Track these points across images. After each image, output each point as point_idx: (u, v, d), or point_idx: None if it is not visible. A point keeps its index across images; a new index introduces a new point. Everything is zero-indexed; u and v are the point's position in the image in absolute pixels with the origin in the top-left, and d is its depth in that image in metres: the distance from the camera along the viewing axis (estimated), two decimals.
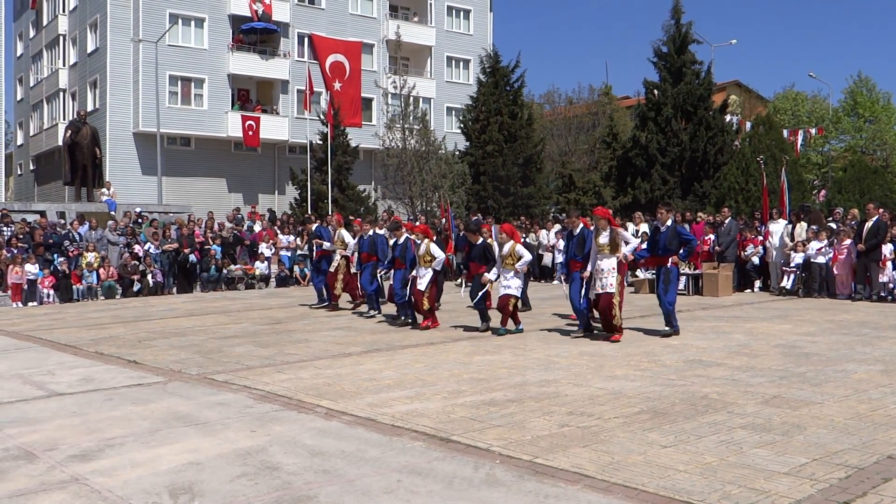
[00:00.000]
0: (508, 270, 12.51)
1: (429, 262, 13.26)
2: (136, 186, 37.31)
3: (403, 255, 14.09)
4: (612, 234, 11.66)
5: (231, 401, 8.06)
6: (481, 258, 12.99)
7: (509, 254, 12.55)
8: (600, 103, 45.35)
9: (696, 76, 32.98)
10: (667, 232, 12.10)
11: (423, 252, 13.31)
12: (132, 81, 38.95)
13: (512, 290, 12.52)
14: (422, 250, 13.36)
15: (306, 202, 32.15)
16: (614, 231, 11.70)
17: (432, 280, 13.31)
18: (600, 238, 11.71)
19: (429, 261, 13.26)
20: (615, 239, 11.63)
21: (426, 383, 8.73)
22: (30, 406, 8.04)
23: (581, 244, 12.20)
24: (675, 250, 11.98)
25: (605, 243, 11.66)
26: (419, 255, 13.38)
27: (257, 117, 40.64)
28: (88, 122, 30.32)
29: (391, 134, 33.92)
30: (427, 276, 13.22)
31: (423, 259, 13.29)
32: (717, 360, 9.89)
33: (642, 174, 32.35)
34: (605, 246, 11.65)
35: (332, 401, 7.89)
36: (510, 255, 12.54)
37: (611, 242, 11.63)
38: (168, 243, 22.57)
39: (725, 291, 18.79)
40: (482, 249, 13.04)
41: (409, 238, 14.14)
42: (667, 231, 12.10)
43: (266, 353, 11.21)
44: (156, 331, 13.99)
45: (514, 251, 12.53)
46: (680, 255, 12.06)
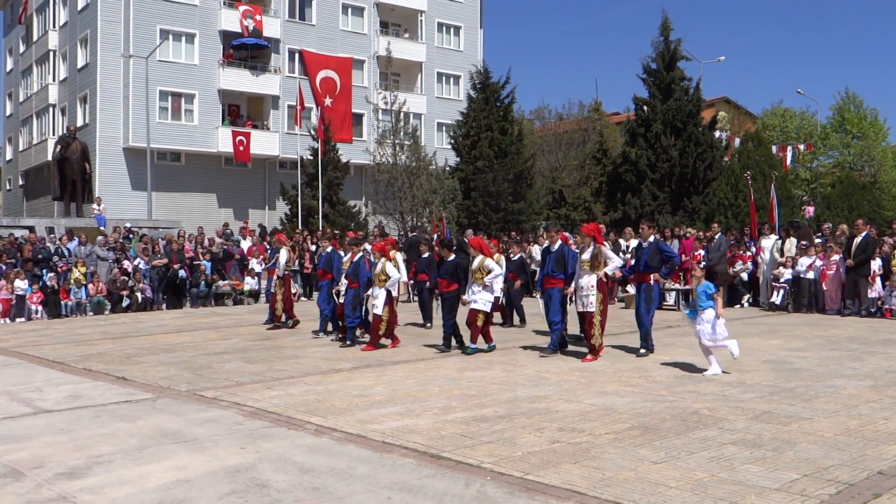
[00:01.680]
0: (478, 285, 12.16)
1: (383, 282, 12.75)
2: (125, 202, 37.21)
3: (356, 273, 13.46)
4: (594, 252, 11.43)
5: (220, 417, 8.01)
6: (452, 275, 12.68)
7: (479, 268, 12.22)
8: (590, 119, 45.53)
9: (685, 92, 33.19)
10: (648, 248, 11.95)
11: (379, 271, 12.83)
12: (122, 97, 38.92)
13: (479, 304, 12.09)
14: (377, 269, 12.89)
15: (297, 217, 32.14)
16: (597, 248, 11.47)
17: (387, 301, 12.75)
18: (583, 254, 11.55)
19: (383, 280, 12.76)
20: (597, 257, 11.42)
21: (417, 399, 8.70)
22: (17, 423, 7.98)
23: (560, 260, 11.96)
24: (657, 267, 11.81)
25: (586, 259, 11.46)
26: (374, 273, 12.91)
27: (248, 132, 40.66)
28: (78, 138, 30.28)
29: (382, 149, 33.98)
30: (381, 296, 12.68)
31: (378, 278, 12.80)
32: (707, 376, 9.90)
33: (632, 190, 32.47)
34: (586, 262, 11.44)
35: (323, 417, 7.86)
36: (479, 269, 12.20)
37: (592, 259, 11.40)
38: (157, 259, 22.48)
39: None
40: (453, 266, 12.74)
41: (364, 256, 13.62)
42: (649, 247, 11.96)
43: (256, 369, 11.16)
44: (145, 347, 13.91)
45: (483, 266, 12.14)
46: (661, 272, 11.86)
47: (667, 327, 15.55)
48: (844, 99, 49.41)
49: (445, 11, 48.09)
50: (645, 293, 11.87)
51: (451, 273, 12.71)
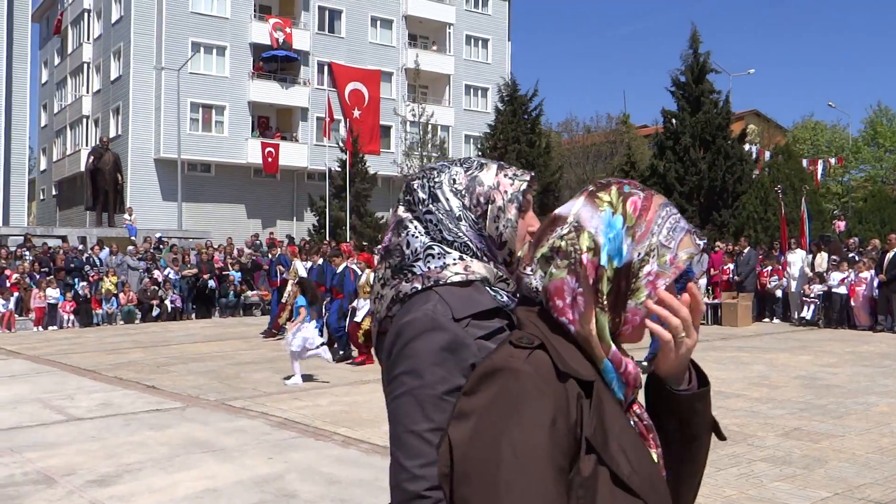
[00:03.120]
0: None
1: (367, 294, 12.40)
2: (156, 212, 37.63)
3: (341, 285, 13.39)
4: None
5: (248, 427, 8.07)
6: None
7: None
8: (618, 132, 45.43)
9: (715, 105, 32.98)
10: None
11: (364, 282, 12.70)
12: (154, 108, 39.43)
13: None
14: (362, 280, 12.79)
15: (324, 229, 32.32)
16: None
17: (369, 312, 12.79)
18: None
19: (368, 292, 12.70)
20: None
21: None
22: (49, 430, 8.09)
23: None
24: None
25: None
26: (359, 285, 12.80)
27: (277, 144, 40.98)
28: (110, 149, 30.71)
29: (409, 161, 34.10)
30: (365, 308, 12.42)
31: (363, 290, 12.64)
32: (736, 392, 9.81)
33: None
34: None
35: (350, 428, 7.88)
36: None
37: None
38: (187, 269, 22.71)
39: (745, 321, 18.66)
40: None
41: (349, 267, 13.53)
42: None
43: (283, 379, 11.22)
44: (174, 356, 14.05)
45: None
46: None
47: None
48: (876, 112, 48.89)
49: (473, 24, 48.25)
50: None
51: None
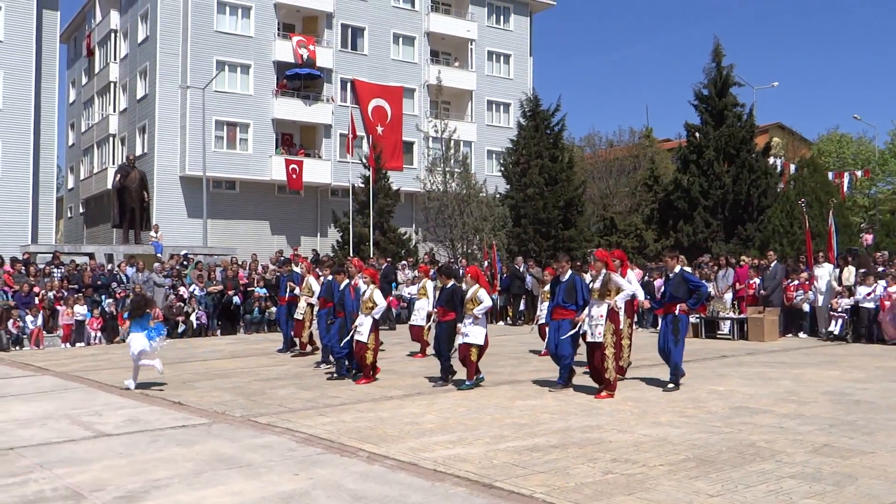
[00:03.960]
0: (469, 317, 11.59)
1: (369, 309, 12.24)
2: (182, 229, 37.92)
3: (342, 302, 12.99)
4: (604, 279, 10.98)
5: (274, 443, 8.10)
6: (449, 302, 12.22)
7: (472, 298, 11.68)
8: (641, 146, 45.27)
9: (738, 118, 32.86)
10: (673, 279, 11.66)
11: (367, 298, 12.32)
12: (179, 126, 39.83)
13: (470, 338, 11.53)
14: (365, 296, 12.39)
15: (348, 244, 32.44)
16: (607, 275, 10.99)
17: (373, 329, 12.29)
18: (595, 282, 11.14)
19: (370, 307, 12.23)
20: (607, 284, 10.96)
21: (468, 427, 8.69)
22: (78, 446, 8.16)
23: (571, 291, 11.35)
24: (683, 298, 11.42)
25: (596, 287, 11.06)
26: (362, 300, 12.42)
27: (300, 161, 41.23)
28: (137, 167, 31.06)
29: (432, 177, 34.17)
30: (366, 324, 12.23)
31: (365, 305, 12.31)
32: (764, 407, 9.71)
33: (685, 217, 32.15)
34: (596, 291, 11.04)
35: (375, 444, 7.89)
36: (472, 299, 11.66)
37: (602, 287, 10.97)
38: (212, 285, 22.87)
39: (771, 336, 18.49)
40: (450, 293, 12.26)
41: (350, 283, 13.10)
42: (674, 278, 11.67)
43: (308, 395, 11.26)
44: (200, 372, 14.13)
45: (476, 296, 11.66)
46: (689, 302, 11.45)
47: (721, 357, 15.33)
48: None
49: (495, 40, 48.39)
50: (672, 325, 11.44)
51: (448, 300, 12.24)
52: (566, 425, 8.74)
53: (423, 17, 45.87)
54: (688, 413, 9.39)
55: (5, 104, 34.54)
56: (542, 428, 8.61)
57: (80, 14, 50.83)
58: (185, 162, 39.28)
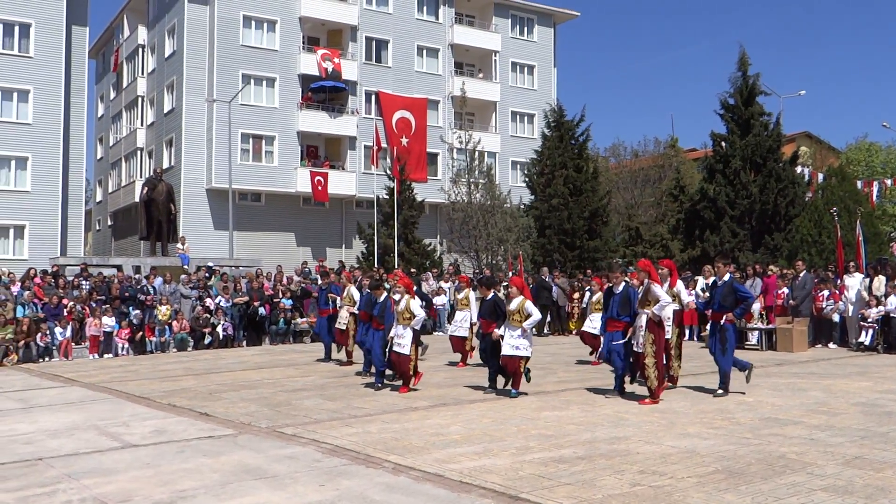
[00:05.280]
0: (515, 328, 11.60)
1: (408, 321, 12.18)
2: (208, 241, 38.21)
3: (382, 315, 12.98)
4: (644, 289, 11.16)
5: (300, 454, 8.10)
6: (491, 314, 12.35)
7: (517, 310, 11.60)
8: (666, 156, 45.07)
9: (765, 128, 32.63)
10: (722, 287, 11.66)
11: (403, 309, 12.26)
12: (206, 139, 40.19)
13: (521, 351, 11.55)
14: (401, 307, 12.31)
15: (373, 256, 32.53)
16: (647, 286, 11.14)
17: (414, 340, 12.25)
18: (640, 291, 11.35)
19: (408, 318, 12.18)
20: (647, 294, 11.11)
21: (494, 439, 8.65)
22: (105, 457, 8.21)
23: (625, 303, 11.56)
24: (731, 307, 11.47)
25: (641, 298, 11.28)
26: (398, 311, 12.35)
27: (325, 173, 41.44)
28: (164, 179, 31.34)
29: (457, 188, 34.23)
30: (407, 336, 12.16)
31: (402, 316, 12.24)
32: (793, 419, 9.59)
33: (711, 227, 31.92)
34: (640, 301, 11.26)
35: (400, 455, 7.87)
36: (518, 311, 11.59)
37: (642, 297, 11.18)
38: (238, 296, 22.99)
39: (801, 347, 18.27)
40: (492, 305, 12.35)
41: (390, 296, 13.14)
42: (723, 286, 11.67)
43: (334, 406, 11.27)
44: (226, 383, 14.19)
45: (524, 308, 11.58)
46: (735, 312, 11.48)
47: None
48: None
49: (519, 51, 48.44)
50: (719, 334, 11.54)
51: (490, 312, 12.38)
52: (593, 436, 8.68)
53: (446, 29, 46.02)
54: (716, 424, 9.29)
55: (35, 119, 35.06)
56: (569, 439, 8.55)
57: (108, 30, 51.52)
58: (212, 174, 39.61)
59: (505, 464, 7.45)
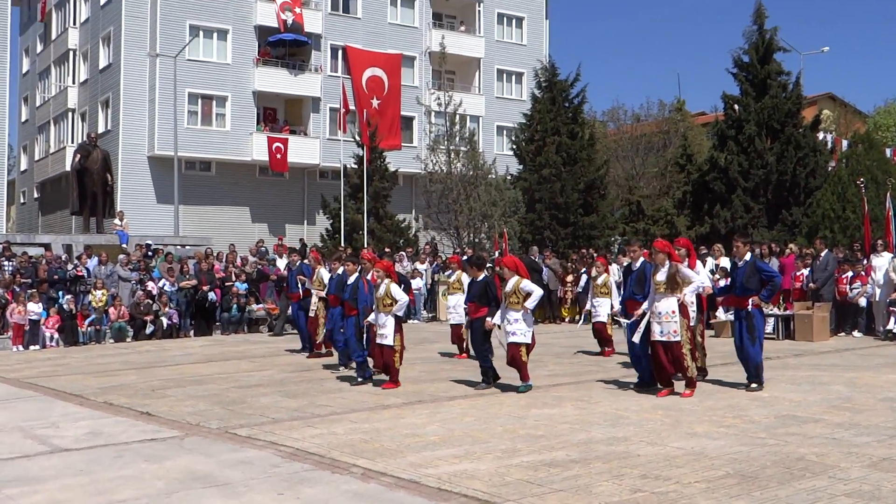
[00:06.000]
0: (513, 311, 11.77)
1: (388, 307, 12.20)
2: (150, 216, 38.00)
3: (354, 298, 13.14)
4: (670, 271, 11.18)
5: (256, 459, 8.09)
6: (481, 297, 12.32)
7: (513, 291, 11.75)
8: (672, 120, 45.22)
9: (783, 88, 32.77)
10: (745, 268, 11.69)
11: (383, 294, 12.29)
12: (148, 100, 39.85)
13: (518, 336, 11.72)
14: (380, 292, 12.35)
15: (339, 233, 32.44)
16: (673, 267, 11.19)
17: (397, 329, 12.28)
18: (658, 274, 11.30)
19: (388, 304, 12.20)
20: (674, 277, 11.16)
21: (477, 440, 8.67)
22: (32, 463, 8.15)
23: (641, 281, 11.79)
24: (756, 290, 11.52)
25: (661, 281, 11.21)
26: (377, 297, 12.41)
27: (285, 139, 41.25)
28: (99, 146, 31.05)
29: (434, 157, 34.16)
30: (389, 325, 12.21)
31: (382, 303, 12.27)
32: (814, 416, 9.68)
33: (721, 200, 32.09)
34: (662, 284, 11.20)
35: (370, 460, 7.87)
36: (514, 292, 11.75)
37: (668, 280, 11.16)
38: (185, 280, 22.88)
39: (822, 335, 18.44)
40: (483, 287, 12.37)
41: (363, 276, 13.21)
42: (745, 267, 11.70)
43: (295, 404, 11.26)
44: (171, 378, 14.13)
45: (520, 288, 11.72)
46: (761, 295, 11.52)
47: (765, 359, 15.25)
48: None
49: (507, 1, 48.31)
50: (746, 321, 11.58)
51: (480, 295, 12.33)
52: (588, 437, 8.72)
53: None
54: (727, 423, 9.36)
55: None
56: (561, 440, 8.59)
57: None
58: (154, 140, 39.31)
59: (489, 468, 7.47)
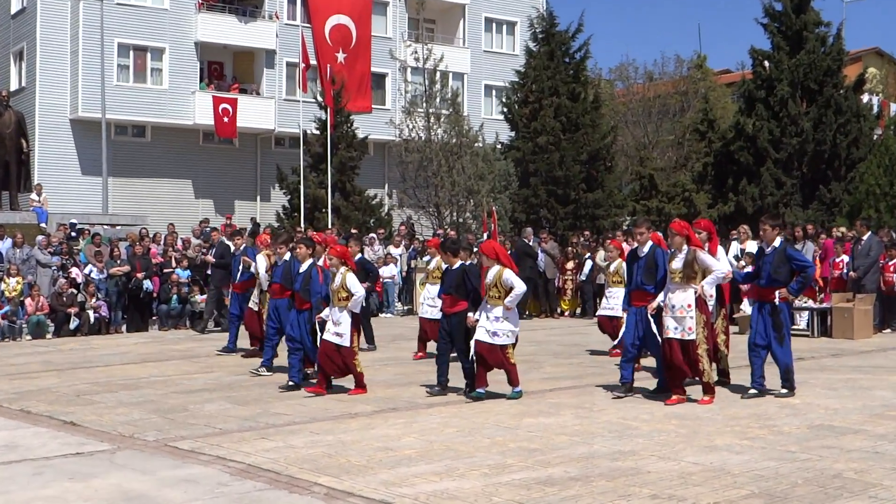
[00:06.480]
0: (493, 307, 11.69)
1: (344, 301, 12.19)
2: (73, 190, 37.74)
3: (307, 289, 13.11)
4: (687, 258, 11.13)
5: (200, 476, 8.10)
6: (458, 289, 12.22)
7: (494, 283, 11.68)
8: (691, 79, 45.30)
9: (822, 42, 32.89)
10: (773, 255, 11.67)
11: (338, 286, 12.30)
12: (70, 52, 39.49)
13: (502, 337, 11.64)
14: (335, 283, 12.36)
15: (299, 212, 32.34)
16: (692, 253, 11.12)
17: (354, 326, 12.28)
18: (673, 262, 11.29)
19: (344, 298, 12.20)
20: (692, 264, 11.12)
21: (460, 454, 8.71)
22: None
23: (650, 269, 11.71)
24: (784, 281, 11.49)
25: (677, 269, 11.19)
26: (332, 289, 12.43)
27: (234, 99, 41.00)
28: (12, 106, 30.79)
29: (411, 121, 34.07)
30: (345, 322, 12.18)
31: (337, 296, 12.28)
32: (853, 426, 9.77)
33: (748, 174, 32.22)
34: (678, 272, 11.16)
35: (335, 477, 7.90)
36: (496, 284, 11.67)
37: (685, 268, 11.12)
38: (115, 266, 22.77)
39: (864, 332, 18.56)
40: (460, 276, 12.28)
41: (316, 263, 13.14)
42: (773, 254, 11.67)
43: (246, 412, 11.26)
44: (100, 382, 14.08)
45: (502, 280, 11.65)
46: (790, 287, 11.50)
47: (797, 359, 15.32)
48: None
49: None
50: (771, 317, 11.58)
51: (457, 286, 12.25)
52: (590, 450, 8.77)
53: None
54: (752, 434, 9.43)
55: None
56: (559, 454, 8.64)
57: None
58: (78, 100, 38.99)
59: (474, 487, 7.51)
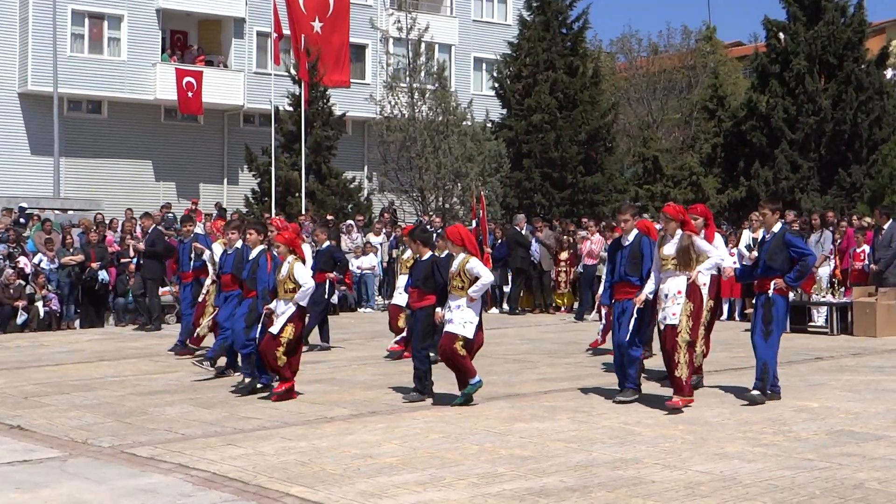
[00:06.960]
0: (456, 297, 11.67)
1: (290, 294, 12.17)
2: (22, 172, 37.61)
3: (254, 277, 13.12)
4: (681, 243, 11.12)
5: (160, 486, 8.07)
6: (426, 281, 12.20)
7: (458, 272, 11.65)
8: (699, 53, 45.33)
9: (842, 12, 32.96)
10: (771, 242, 11.69)
11: (284, 276, 12.28)
12: (19, 19, 39.31)
13: (456, 325, 11.53)
14: (282, 273, 12.36)
15: (270, 196, 32.29)
16: (687, 238, 11.12)
17: (294, 318, 12.23)
18: (665, 247, 11.26)
19: (290, 290, 12.19)
20: (687, 250, 11.09)
21: (446, 462, 8.71)
22: None
23: (635, 260, 11.66)
24: (781, 270, 11.49)
25: (669, 255, 11.16)
26: (278, 279, 12.39)
27: (199, 72, 40.87)
28: None
29: (393, 97, 34.03)
30: (287, 313, 12.17)
31: (283, 287, 12.27)
32: (876, 432, 9.79)
33: (761, 156, 32.29)
34: (670, 259, 11.15)
35: (308, 487, 7.88)
36: (459, 274, 11.64)
37: (679, 254, 11.11)
38: (68, 255, 22.70)
39: (887, 329, 18.59)
40: (429, 268, 12.26)
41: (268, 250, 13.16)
42: (771, 241, 11.69)
43: (211, 416, 11.24)
44: (50, 382, 14.04)
45: (465, 269, 11.62)
46: (787, 277, 11.47)
47: (815, 359, 15.43)
48: None
49: None
50: (763, 308, 11.60)
51: (425, 278, 12.23)
52: (589, 458, 8.77)
53: None
54: (765, 440, 9.45)
55: None
56: (554, 462, 8.63)
57: None
58: (27, 73, 38.82)
59: (461, 498, 7.51)
